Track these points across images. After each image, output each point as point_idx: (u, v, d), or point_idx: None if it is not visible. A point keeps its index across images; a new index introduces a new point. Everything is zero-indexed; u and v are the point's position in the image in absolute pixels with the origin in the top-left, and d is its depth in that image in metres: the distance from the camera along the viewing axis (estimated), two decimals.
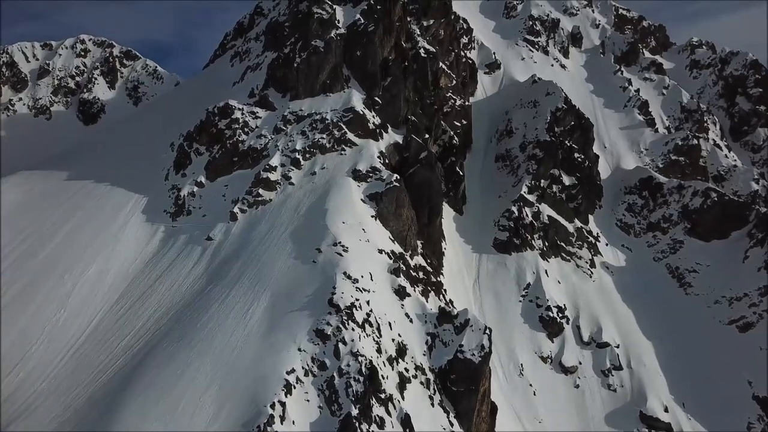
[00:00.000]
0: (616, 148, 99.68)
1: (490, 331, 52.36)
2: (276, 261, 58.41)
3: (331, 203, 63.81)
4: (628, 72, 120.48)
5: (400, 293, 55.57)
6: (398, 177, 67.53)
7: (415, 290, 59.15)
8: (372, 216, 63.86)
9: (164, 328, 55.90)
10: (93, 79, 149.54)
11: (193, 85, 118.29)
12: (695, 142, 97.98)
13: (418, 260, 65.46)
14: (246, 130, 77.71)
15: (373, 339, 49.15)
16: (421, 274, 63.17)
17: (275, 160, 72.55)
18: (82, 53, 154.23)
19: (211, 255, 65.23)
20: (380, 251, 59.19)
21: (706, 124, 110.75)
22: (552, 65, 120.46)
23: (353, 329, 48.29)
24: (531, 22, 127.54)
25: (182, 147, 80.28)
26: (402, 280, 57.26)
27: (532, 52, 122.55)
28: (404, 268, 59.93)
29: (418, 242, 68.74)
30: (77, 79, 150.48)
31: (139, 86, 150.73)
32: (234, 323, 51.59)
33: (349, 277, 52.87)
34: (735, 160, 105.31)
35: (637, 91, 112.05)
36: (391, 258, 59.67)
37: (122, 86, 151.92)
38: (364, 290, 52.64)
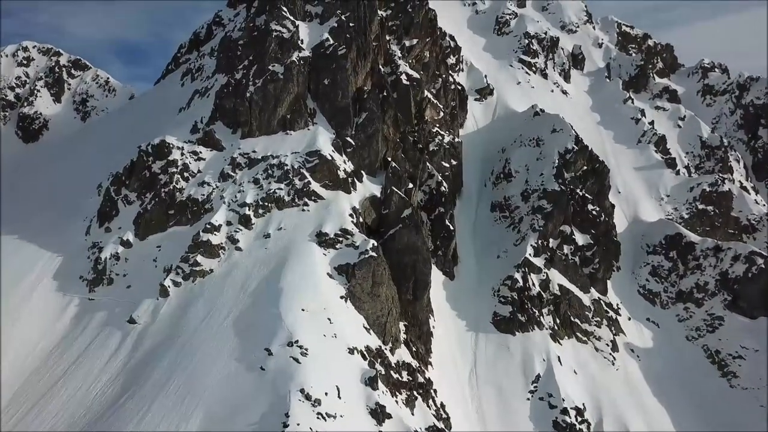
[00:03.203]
0: (631, 193, 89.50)
1: None
2: (213, 364, 47.09)
3: (287, 280, 52.83)
4: (638, 100, 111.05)
5: (379, 415, 43.95)
6: (375, 244, 56.45)
7: (397, 401, 48.07)
8: (341, 297, 52.90)
9: None
10: (36, 91, 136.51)
11: (141, 104, 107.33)
12: (726, 188, 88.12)
13: (401, 354, 54.20)
14: (186, 175, 67.79)
15: None
16: (404, 374, 51.89)
17: (219, 217, 61.48)
18: (24, 62, 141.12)
19: (132, 345, 54.36)
20: (351, 351, 47.79)
21: (729, 163, 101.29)
22: (552, 91, 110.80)
23: None
24: (527, 41, 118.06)
25: (109, 192, 69.34)
26: (380, 393, 45.80)
27: (529, 75, 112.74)
28: (383, 371, 48.62)
29: (401, 325, 57.28)
30: (18, 90, 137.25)
31: (88, 99, 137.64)
32: None
33: (308, 398, 41.53)
34: (765, 206, 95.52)
35: (652, 123, 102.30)
36: (365, 358, 48.38)
37: (69, 99, 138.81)
38: (329, 416, 41.27)
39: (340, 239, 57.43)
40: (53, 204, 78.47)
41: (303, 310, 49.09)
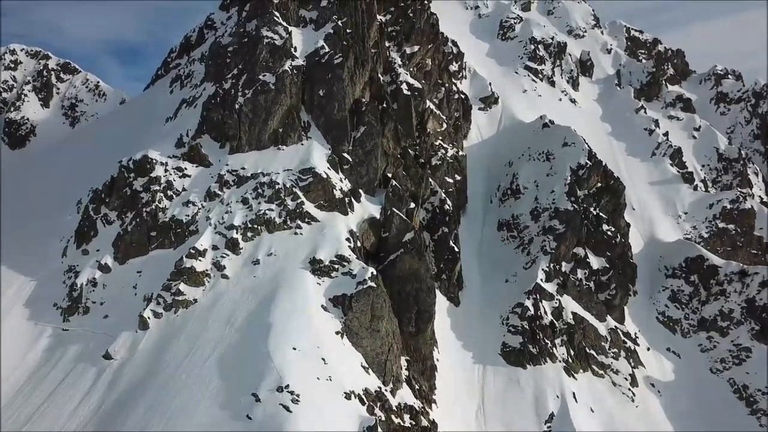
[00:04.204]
0: (647, 210, 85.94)
1: None
2: (195, 409, 43.24)
3: (277, 313, 48.95)
4: (650, 109, 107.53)
5: None
6: (374, 272, 52.61)
7: None
8: (337, 332, 49.07)
9: None
10: (23, 96, 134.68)
11: (128, 112, 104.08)
12: (748, 205, 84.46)
13: (403, 395, 50.37)
14: (169, 193, 64.16)
15: None
16: (407, 419, 47.95)
17: (205, 240, 57.72)
18: (12, 65, 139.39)
19: (108, 384, 50.63)
20: (348, 395, 43.92)
21: (748, 176, 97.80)
22: (560, 99, 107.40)
23: None
24: (533, 46, 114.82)
25: (87, 210, 65.81)
26: None
27: (536, 82, 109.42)
28: (383, 417, 44.83)
29: (402, 361, 53.45)
30: (5, 95, 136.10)
31: (77, 104, 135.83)
32: None
33: None
34: None
35: (666, 134, 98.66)
36: (364, 403, 44.55)
37: (58, 104, 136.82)
38: None
39: (336, 267, 53.67)
40: (32, 219, 75.61)
41: (294, 348, 45.22)
